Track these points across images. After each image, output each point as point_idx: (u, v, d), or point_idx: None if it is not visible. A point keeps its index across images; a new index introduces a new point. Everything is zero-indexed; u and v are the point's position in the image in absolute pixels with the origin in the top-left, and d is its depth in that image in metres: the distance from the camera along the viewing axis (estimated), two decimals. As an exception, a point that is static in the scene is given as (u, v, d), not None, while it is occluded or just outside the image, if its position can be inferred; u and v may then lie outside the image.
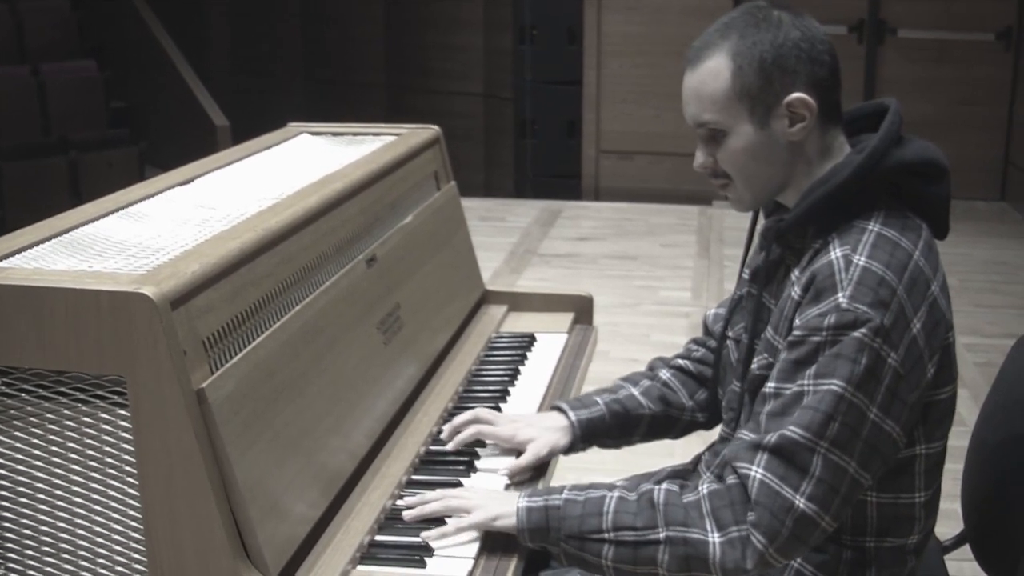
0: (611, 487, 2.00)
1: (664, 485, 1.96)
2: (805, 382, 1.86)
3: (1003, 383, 2.38)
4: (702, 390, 2.39)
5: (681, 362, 2.44)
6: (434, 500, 2.06)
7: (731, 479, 1.89)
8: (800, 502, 1.83)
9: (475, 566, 1.94)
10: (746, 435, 1.91)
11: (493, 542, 2.01)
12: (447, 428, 2.36)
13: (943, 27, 8.95)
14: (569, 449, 2.33)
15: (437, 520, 2.03)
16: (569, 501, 1.97)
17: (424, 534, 1.99)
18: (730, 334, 2.23)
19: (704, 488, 1.91)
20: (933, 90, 9.00)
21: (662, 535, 1.89)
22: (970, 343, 5.80)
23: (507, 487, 2.22)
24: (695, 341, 2.47)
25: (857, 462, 1.85)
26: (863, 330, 1.82)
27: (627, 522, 1.92)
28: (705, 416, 2.39)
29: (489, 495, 2.06)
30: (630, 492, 1.96)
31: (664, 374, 2.43)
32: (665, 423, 2.40)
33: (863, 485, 1.88)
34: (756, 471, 1.86)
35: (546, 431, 2.31)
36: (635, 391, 2.40)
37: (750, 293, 2.16)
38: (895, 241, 1.90)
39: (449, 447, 2.33)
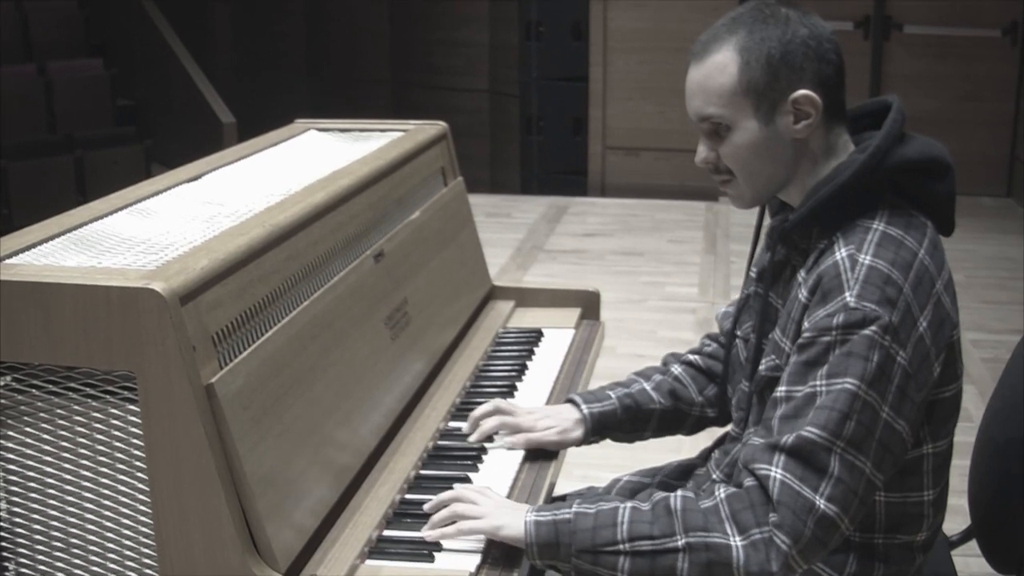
0: (622, 500, 1.96)
1: (680, 492, 1.92)
2: (818, 383, 1.85)
3: (1009, 379, 2.38)
4: (712, 386, 2.40)
5: (692, 357, 2.45)
6: (444, 508, 2.02)
7: (749, 481, 1.86)
8: (820, 503, 1.80)
9: (484, 561, 1.94)
10: (758, 439, 1.90)
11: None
12: (469, 420, 2.39)
13: (949, 23, 8.94)
14: (581, 441, 2.35)
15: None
16: (580, 514, 1.92)
17: (427, 534, 1.98)
18: (739, 333, 2.23)
19: (721, 492, 1.88)
20: (939, 86, 8.99)
21: (681, 542, 1.85)
22: (976, 339, 5.80)
23: (521, 464, 2.27)
24: (708, 336, 2.48)
25: (872, 463, 1.83)
26: (873, 328, 1.82)
27: (643, 531, 1.87)
28: (715, 412, 2.39)
29: (499, 504, 2.01)
30: (643, 502, 1.92)
31: (676, 369, 2.44)
32: (676, 418, 2.41)
33: (877, 487, 1.87)
34: (776, 472, 1.83)
35: (562, 421, 2.35)
36: (647, 385, 2.41)
37: (757, 293, 2.16)
38: (900, 239, 1.90)
39: (472, 439, 2.35)
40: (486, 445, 2.33)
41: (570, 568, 1.93)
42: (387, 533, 2.02)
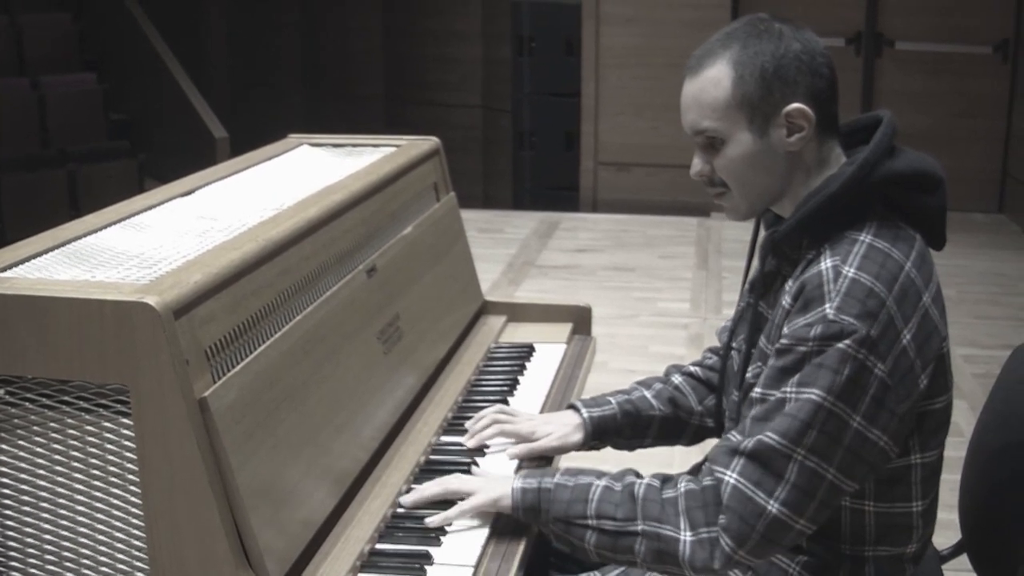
0: (600, 475, 2.06)
1: (646, 480, 2.02)
2: (788, 390, 1.88)
3: (999, 393, 2.39)
4: (711, 396, 2.42)
5: (693, 369, 2.48)
6: (433, 484, 2.14)
7: (707, 481, 1.94)
8: (773, 507, 1.87)
9: (475, 573, 1.95)
10: (732, 436, 1.95)
11: (493, 549, 2.03)
12: (468, 427, 2.45)
13: (941, 39, 8.98)
14: (581, 445, 2.40)
15: (440, 506, 2.11)
16: (559, 485, 2.05)
17: (428, 520, 2.06)
18: (734, 345, 2.25)
19: (682, 487, 1.96)
20: (931, 102, 9.02)
21: (639, 528, 1.96)
22: (968, 354, 5.81)
23: (516, 470, 2.31)
24: (710, 350, 2.51)
25: (837, 468, 1.87)
26: (847, 341, 1.84)
27: (609, 512, 1.99)
28: (714, 422, 2.41)
29: (486, 479, 2.15)
30: (616, 482, 2.03)
31: (676, 379, 2.47)
32: (675, 425, 2.44)
33: (844, 490, 1.91)
34: (730, 476, 1.90)
35: (562, 427, 2.40)
36: (647, 393, 2.44)
37: (748, 304, 2.18)
38: (886, 252, 1.92)
39: (470, 444, 2.40)
40: (477, 458, 2.34)
41: (548, 531, 2.07)
42: (379, 547, 2.03)
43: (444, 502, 2.12)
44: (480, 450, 2.39)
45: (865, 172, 1.94)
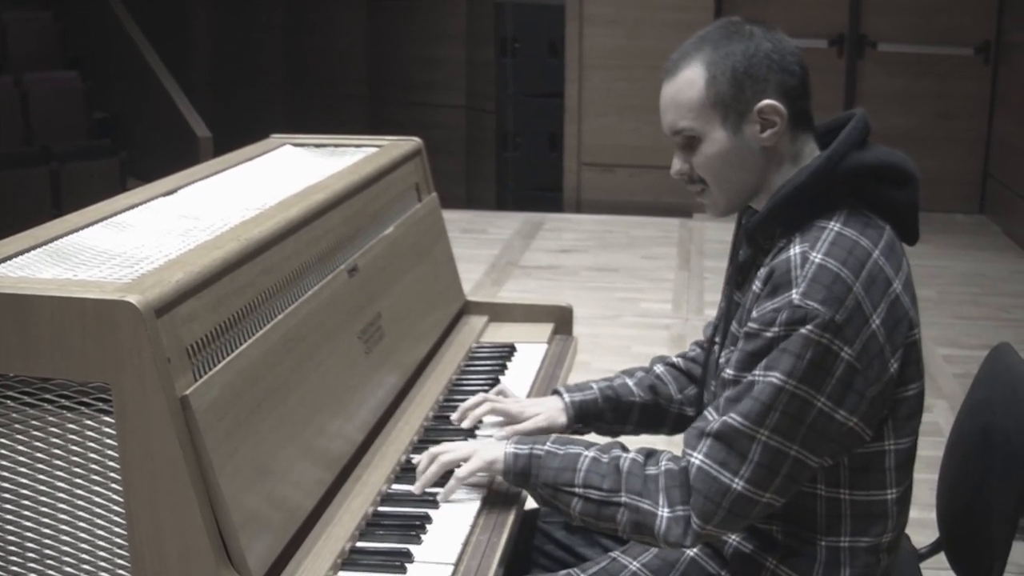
0: (588, 445, 2.14)
1: (631, 454, 2.09)
2: (756, 372, 1.95)
3: (977, 390, 2.42)
4: (692, 386, 2.48)
5: (675, 359, 2.55)
6: (430, 466, 2.21)
7: (683, 463, 2.03)
8: (738, 485, 1.95)
9: (455, 572, 1.96)
10: (708, 415, 2.01)
11: (473, 547, 2.05)
12: (458, 411, 2.52)
13: (923, 41, 9.01)
14: (565, 428, 2.46)
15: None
16: (550, 453, 2.13)
17: (439, 495, 2.17)
18: (716, 340, 2.29)
19: (663, 465, 2.05)
20: (913, 103, 9.05)
21: (622, 499, 2.05)
22: (948, 355, 5.82)
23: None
24: (696, 343, 2.55)
25: (800, 444, 1.94)
26: (810, 327, 1.89)
27: (595, 482, 2.07)
28: (694, 411, 2.45)
29: (478, 443, 2.27)
30: (603, 454, 2.10)
31: (658, 368, 2.53)
32: (656, 413, 2.49)
33: (810, 466, 1.97)
34: (696, 458, 1.99)
35: (548, 409, 2.47)
36: (629, 381, 2.51)
37: (726, 295, 2.22)
38: (854, 240, 1.97)
39: (464, 424, 2.48)
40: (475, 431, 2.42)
41: (536, 495, 2.15)
42: (360, 545, 2.04)
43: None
44: (470, 433, 2.44)
45: (834, 163, 2.00)
